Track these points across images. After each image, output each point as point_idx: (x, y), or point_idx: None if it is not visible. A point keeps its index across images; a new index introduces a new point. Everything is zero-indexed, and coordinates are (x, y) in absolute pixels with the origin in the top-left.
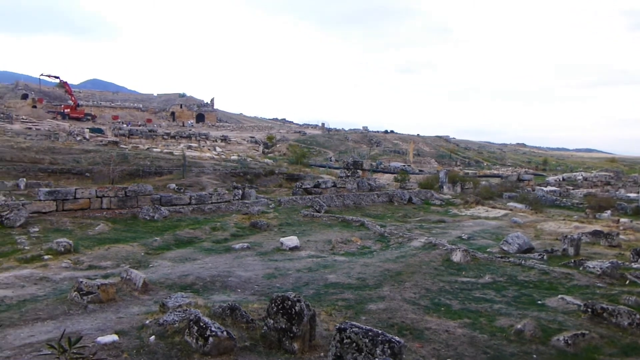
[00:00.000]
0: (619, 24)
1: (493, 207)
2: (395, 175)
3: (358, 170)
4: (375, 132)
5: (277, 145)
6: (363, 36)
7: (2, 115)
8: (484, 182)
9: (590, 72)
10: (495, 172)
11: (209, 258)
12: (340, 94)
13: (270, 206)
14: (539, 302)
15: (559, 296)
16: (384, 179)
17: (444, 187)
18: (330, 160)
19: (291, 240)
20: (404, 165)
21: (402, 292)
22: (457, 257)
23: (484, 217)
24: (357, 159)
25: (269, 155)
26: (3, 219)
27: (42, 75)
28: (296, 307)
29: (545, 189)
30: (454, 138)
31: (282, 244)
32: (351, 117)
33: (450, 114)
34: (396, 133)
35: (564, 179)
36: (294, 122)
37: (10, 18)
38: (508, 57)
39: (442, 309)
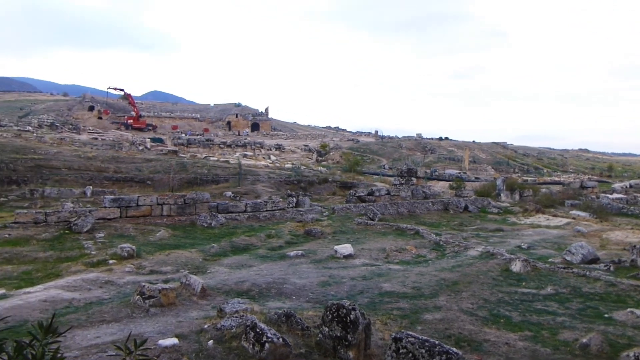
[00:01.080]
0: None
1: (554, 216)
2: (450, 182)
3: (412, 178)
4: (429, 139)
5: (331, 153)
6: (415, 43)
7: (70, 126)
8: (544, 190)
9: None
10: (556, 179)
11: (264, 265)
12: (394, 101)
13: (324, 214)
14: (606, 315)
15: (628, 309)
16: (439, 186)
17: (502, 194)
18: (384, 168)
19: (345, 248)
20: (459, 173)
21: (459, 302)
22: (516, 267)
23: (545, 226)
24: (411, 167)
25: (323, 163)
26: (72, 224)
27: (109, 88)
28: (351, 316)
29: (610, 196)
30: (511, 144)
31: (336, 251)
32: (405, 124)
33: (507, 119)
34: (451, 140)
35: (631, 186)
36: (347, 130)
37: (79, 36)
38: (566, 58)
39: (502, 320)
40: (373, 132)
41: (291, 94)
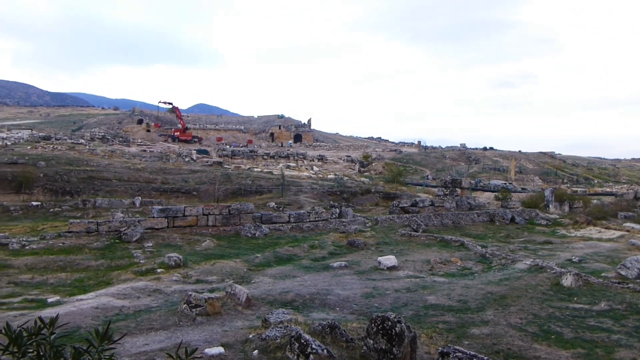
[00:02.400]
0: None
1: (607, 228)
2: (496, 193)
3: (456, 189)
4: (473, 149)
5: (373, 164)
6: (457, 52)
7: (121, 139)
8: (595, 201)
9: None
10: (608, 189)
11: (307, 276)
12: (436, 112)
13: (367, 225)
14: None
15: None
16: (484, 197)
17: (550, 206)
18: (427, 179)
19: (389, 260)
20: (505, 183)
21: (507, 316)
22: (567, 281)
23: (597, 239)
24: (456, 177)
25: (365, 174)
26: (122, 234)
27: (159, 102)
28: (396, 328)
29: None
30: (559, 154)
31: (379, 263)
32: (448, 134)
33: (555, 128)
34: (495, 150)
35: None
36: (390, 140)
37: (129, 52)
38: (617, 63)
39: (552, 336)
40: (416, 142)
41: (333, 105)
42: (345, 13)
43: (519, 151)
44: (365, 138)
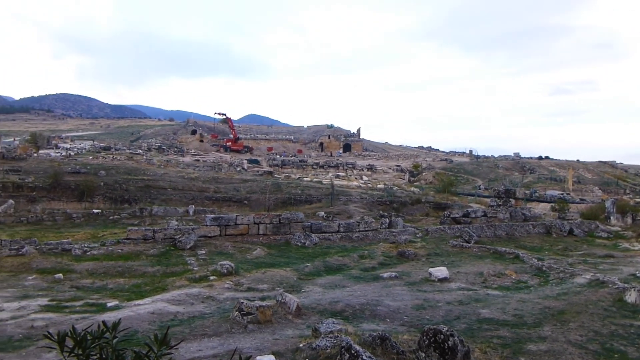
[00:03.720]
0: None
1: None
2: (552, 204)
3: (510, 199)
4: (528, 158)
5: (423, 174)
6: (510, 59)
7: (175, 149)
8: None
9: None
10: None
11: (357, 286)
12: (489, 120)
13: (418, 235)
14: None
15: None
16: (540, 208)
17: (612, 217)
18: (480, 189)
19: (440, 271)
20: (562, 194)
21: (565, 333)
22: (632, 297)
23: None
24: (509, 187)
25: (415, 183)
26: (176, 241)
27: (215, 113)
28: (449, 342)
29: None
30: (620, 163)
31: (430, 274)
32: (500, 143)
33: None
34: (551, 159)
35: None
36: (440, 149)
37: (184, 66)
38: None
39: (616, 355)
40: (467, 151)
41: (383, 114)
42: (395, 23)
43: (577, 160)
44: (415, 147)
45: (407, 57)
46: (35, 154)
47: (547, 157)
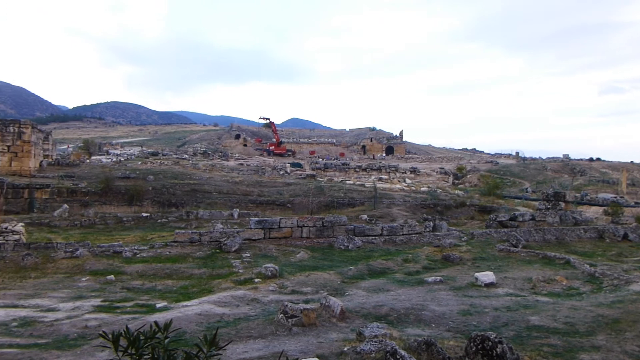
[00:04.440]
0: None
1: None
2: (605, 207)
3: (560, 202)
4: (578, 160)
5: (468, 176)
6: (557, 58)
7: (220, 153)
8: None
9: None
10: None
11: (401, 290)
12: (536, 121)
13: (463, 239)
14: None
15: None
16: (591, 212)
17: None
18: (527, 192)
19: (487, 276)
20: (616, 197)
21: (621, 343)
22: None
23: None
24: (559, 190)
25: (460, 186)
26: (222, 244)
27: (260, 118)
28: (497, 349)
29: None
30: None
31: (476, 279)
32: (549, 144)
33: None
34: (603, 161)
35: None
36: (485, 151)
37: (227, 72)
38: None
39: None
40: (513, 153)
41: (426, 116)
42: (438, 24)
43: (631, 162)
44: (459, 149)
45: (450, 58)
46: (88, 160)
47: (598, 159)
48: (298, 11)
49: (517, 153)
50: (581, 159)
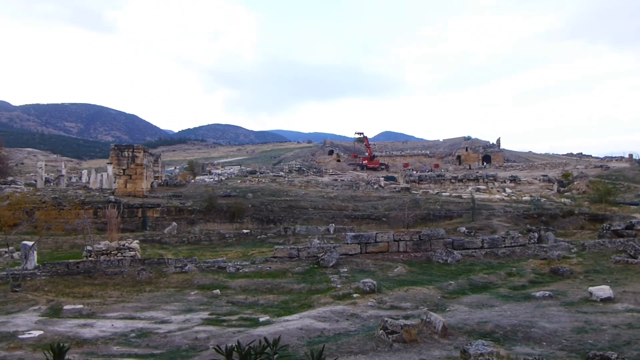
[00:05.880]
0: None
1: None
2: None
3: None
4: None
5: (575, 183)
6: None
7: (314, 170)
8: None
9: None
10: None
11: (506, 305)
12: None
13: (572, 250)
14: None
15: None
16: None
17: None
18: None
19: (602, 290)
20: None
21: None
22: None
23: None
24: None
25: (566, 194)
26: (319, 259)
27: (355, 133)
28: None
29: None
30: None
31: (591, 294)
32: None
33: None
34: None
35: None
36: (592, 155)
37: (319, 89)
38: None
39: None
40: (626, 155)
41: (524, 122)
42: (533, 24)
43: None
44: (563, 155)
45: (548, 59)
46: (193, 180)
47: None
48: (387, 23)
49: (631, 155)
50: None
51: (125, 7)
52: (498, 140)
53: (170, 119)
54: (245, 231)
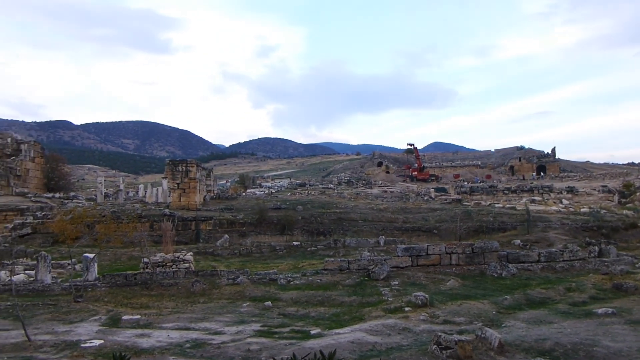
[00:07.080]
0: None
1: None
2: None
3: None
4: None
5: (637, 194)
6: None
7: (363, 181)
8: None
9: None
10: None
11: (566, 322)
12: None
13: (637, 265)
14: None
15: None
16: None
17: None
18: None
19: None
20: None
21: None
22: None
23: None
24: None
25: (628, 205)
26: (370, 272)
27: (407, 144)
28: None
29: None
30: None
31: None
32: None
33: None
34: None
35: None
36: None
37: (367, 101)
38: None
39: None
40: None
41: (581, 130)
42: (589, 30)
43: None
44: (623, 164)
45: (605, 65)
46: (244, 193)
47: None
48: (436, 34)
49: None
50: None
51: (179, 28)
52: (553, 150)
53: (222, 133)
54: (295, 243)
